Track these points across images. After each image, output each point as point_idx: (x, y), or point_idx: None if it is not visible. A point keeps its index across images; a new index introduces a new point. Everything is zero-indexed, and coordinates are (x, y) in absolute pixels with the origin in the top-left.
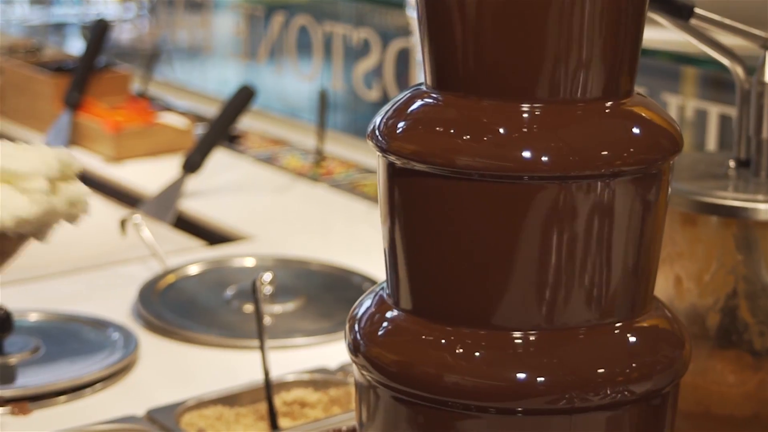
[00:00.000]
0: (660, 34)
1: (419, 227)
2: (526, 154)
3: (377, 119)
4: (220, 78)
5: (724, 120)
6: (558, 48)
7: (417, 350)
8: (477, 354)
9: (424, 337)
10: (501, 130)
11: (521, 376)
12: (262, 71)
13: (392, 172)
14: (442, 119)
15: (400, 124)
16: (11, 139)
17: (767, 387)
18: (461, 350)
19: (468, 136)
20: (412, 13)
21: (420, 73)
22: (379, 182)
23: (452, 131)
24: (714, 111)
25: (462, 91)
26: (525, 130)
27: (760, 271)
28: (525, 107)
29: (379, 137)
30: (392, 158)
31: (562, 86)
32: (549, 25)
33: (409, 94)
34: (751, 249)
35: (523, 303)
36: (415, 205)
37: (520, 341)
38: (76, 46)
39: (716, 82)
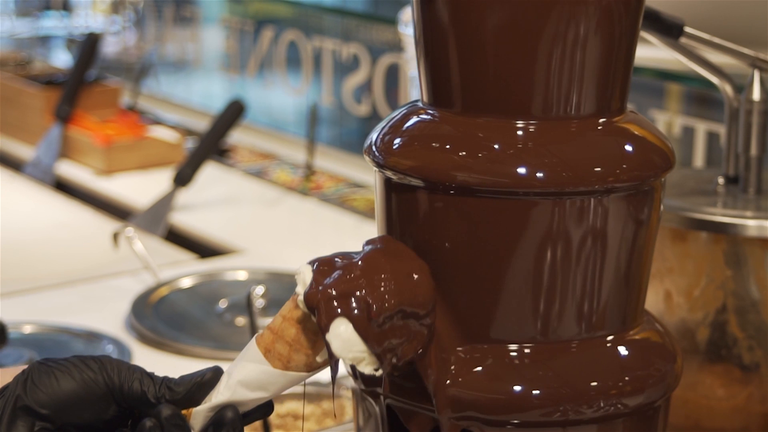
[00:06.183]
0: (645, 51)
1: (415, 241)
2: (521, 170)
3: (374, 135)
4: (205, 92)
5: (711, 137)
6: (552, 66)
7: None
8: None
9: None
10: (496, 147)
11: (518, 388)
12: (247, 85)
13: (389, 187)
14: (438, 135)
15: (397, 140)
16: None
17: (756, 401)
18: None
19: (464, 152)
20: (404, 30)
21: (411, 89)
22: (376, 197)
23: (448, 147)
24: (701, 128)
25: (457, 108)
26: (520, 146)
27: (749, 286)
28: (519, 124)
29: (376, 153)
30: (389, 173)
31: (555, 103)
32: (543, 43)
33: (405, 111)
34: (740, 264)
35: (518, 316)
36: (411, 219)
37: (515, 354)
38: (60, 58)
39: (701, 99)
